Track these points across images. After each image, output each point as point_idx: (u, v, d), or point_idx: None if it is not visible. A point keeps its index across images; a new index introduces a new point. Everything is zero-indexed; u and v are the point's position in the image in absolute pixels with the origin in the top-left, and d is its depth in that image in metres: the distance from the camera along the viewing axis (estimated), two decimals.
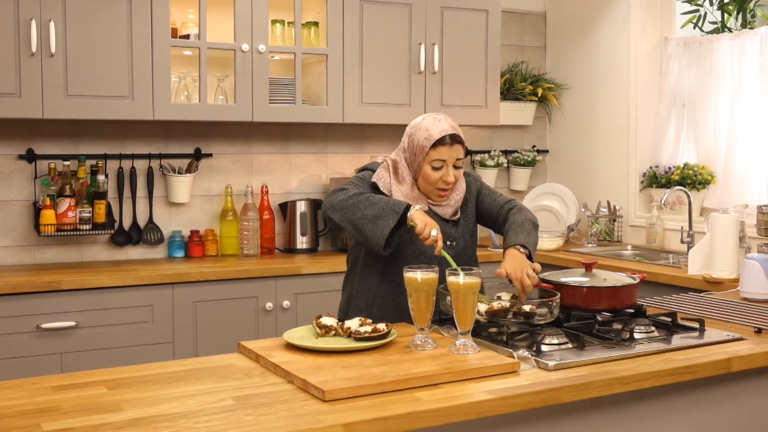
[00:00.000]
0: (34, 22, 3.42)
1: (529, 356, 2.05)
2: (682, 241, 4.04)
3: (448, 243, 2.58)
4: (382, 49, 4.17)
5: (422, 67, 4.25)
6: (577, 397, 1.88)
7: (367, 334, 2.15)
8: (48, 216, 3.70)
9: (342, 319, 2.35)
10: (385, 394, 1.80)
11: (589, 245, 4.44)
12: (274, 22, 4.05)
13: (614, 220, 4.58)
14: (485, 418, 1.78)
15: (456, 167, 2.54)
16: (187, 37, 3.88)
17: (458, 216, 2.64)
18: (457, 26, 4.34)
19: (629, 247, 4.39)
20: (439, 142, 2.50)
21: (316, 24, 4.14)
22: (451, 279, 2.11)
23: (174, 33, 3.86)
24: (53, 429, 1.59)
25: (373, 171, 2.62)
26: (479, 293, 2.37)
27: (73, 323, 3.35)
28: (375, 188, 2.58)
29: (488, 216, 2.70)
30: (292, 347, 2.13)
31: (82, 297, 3.37)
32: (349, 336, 2.18)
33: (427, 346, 2.13)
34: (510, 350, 2.08)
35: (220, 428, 1.59)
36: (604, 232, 4.57)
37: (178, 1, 3.86)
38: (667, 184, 4.33)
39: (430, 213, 2.57)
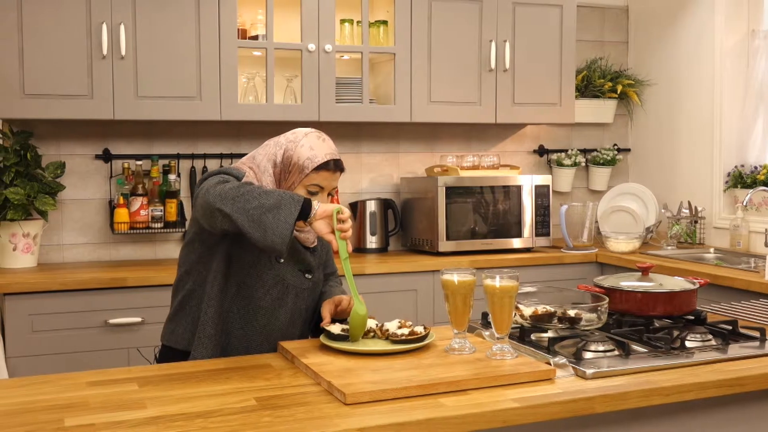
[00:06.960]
0: (105, 26, 3.52)
1: (568, 363, 1.97)
2: (766, 244, 3.83)
3: (307, 276, 2.36)
4: (451, 46, 4.11)
5: (493, 65, 4.17)
6: (612, 407, 1.79)
7: (404, 337, 2.11)
8: (122, 214, 3.81)
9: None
10: (408, 399, 1.75)
11: (669, 247, 4.26)
12: (342, 21, 4.06)
13: (696, 222, 4.38)
14: (511, 426, 1.71)
15: (330, 195, 2.32)
16: (255, 38, 3.91)
17: (316, 243, 2.40)
18: (529, 22, 4.25)
19: (711, 250, 4.20)
20: (323, 167, 2.25)
21: (385, 23, 4.11)
22: (487, 282, 2.04)
23: (243, 34, 3.90)
24: (74, 424, 1.61)
25: (228, 174, 2.24)
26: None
27: (139, 319, 3.42)
28: None
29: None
30: (329, 348, 2.11)
31: (147, 294, 3.44)
32: (387, 338, 2.15)
33: (464, 350, 2.08)
34: (548, 356, 2.01)
35: (232, 429, 1.58)
36: (685, 234, 4.38)
37: (247, 2, 3.90)
38: (753, 184, 4.12)
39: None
